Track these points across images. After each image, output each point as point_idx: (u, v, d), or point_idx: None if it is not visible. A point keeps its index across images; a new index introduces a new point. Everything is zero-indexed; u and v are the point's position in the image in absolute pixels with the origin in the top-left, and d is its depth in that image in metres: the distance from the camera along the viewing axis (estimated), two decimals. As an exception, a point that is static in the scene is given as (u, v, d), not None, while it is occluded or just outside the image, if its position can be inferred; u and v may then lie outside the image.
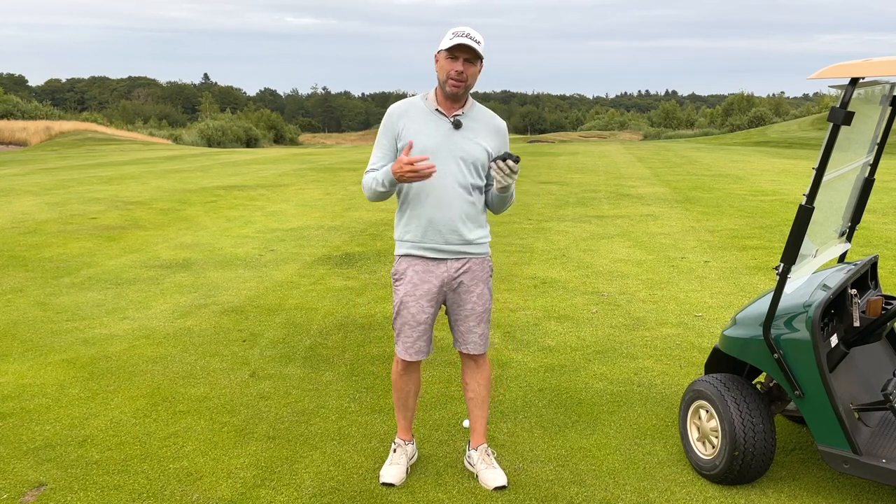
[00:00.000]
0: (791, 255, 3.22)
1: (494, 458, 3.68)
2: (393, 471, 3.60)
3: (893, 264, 8.40)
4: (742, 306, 4.38)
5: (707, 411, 3.61)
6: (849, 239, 4.18)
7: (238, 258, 9.07)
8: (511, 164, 3.28)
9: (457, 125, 3.39)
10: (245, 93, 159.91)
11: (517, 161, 3.28)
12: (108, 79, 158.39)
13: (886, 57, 3.01)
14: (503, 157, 3.29)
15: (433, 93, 3.46)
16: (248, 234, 10.86)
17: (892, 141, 7.17)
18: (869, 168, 4.01)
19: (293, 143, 79.91)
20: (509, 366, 5.19)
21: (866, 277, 3.95)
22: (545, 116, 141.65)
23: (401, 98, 3.69)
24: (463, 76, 3.30)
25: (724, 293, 7.23)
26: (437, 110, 3.41)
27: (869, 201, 4.15)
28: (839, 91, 3.16)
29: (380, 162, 3.47)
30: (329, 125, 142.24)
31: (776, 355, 3.36)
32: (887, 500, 3.41)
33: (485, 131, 3.45)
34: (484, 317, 3.58)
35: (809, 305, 3.36)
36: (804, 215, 3.16)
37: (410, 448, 3.75)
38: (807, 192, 3.15)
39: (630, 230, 11.10)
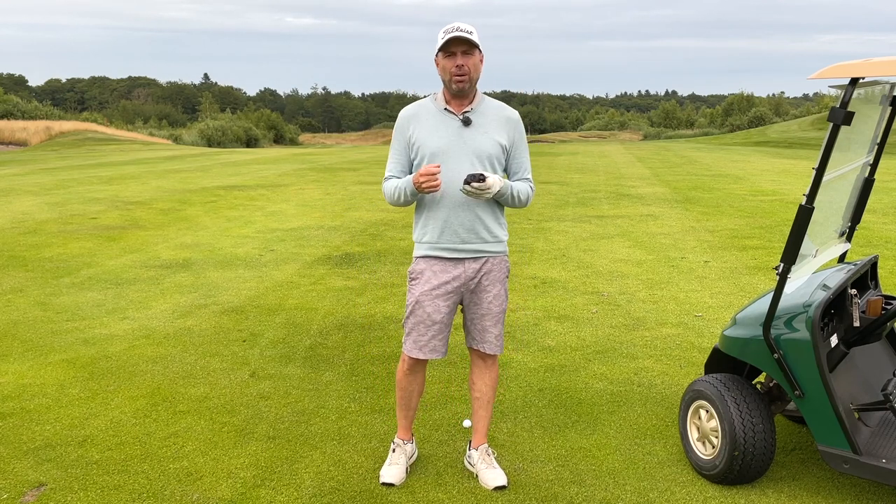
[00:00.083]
0: (791, 255, 3.22)
1: (494, 458, 3.68)
2: (393, 471, 3.60)
3: (893, 264, 8.40)
4: (742, 306, 4.38)
5: (707, 411, 3.61)
6: (849, 239, 4.18)
7: (238, 258, 9.08)
8: (473, 185, 3.20)
9: (466, 122, 3.39)
10: (245, 93, 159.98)
11: (481, 180, 3.20)
12: (108, 79, 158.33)
13: (886, 57, 3.01)
14: (466, 181, 3.22)
15: (441, 93, 3.46)
16: (248, 234, 10.86)
17: (892, 141, 7.17)
18: (869, 168, 4.01)
19: (293, 143, 79.91)
20: (509, 366, 5.19)
21: (866, 277, 3.95)
22: (545, 116, 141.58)
23: (401, 98, 3.71)
24: (464, 69, 3.30)
25: (724, 293, 7.23)
26: (445, 109, 3.41)
27: (869, 201, 4.15)
28: (839, 91, 3.16)
29: (396, 168, 3.48)
30: (329, 125, 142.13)
31: (776, 355, 3.36)
32: (887, 500, 3.41)
33: (494, 124, 3.43)
34: (500, 317, 3.57)
35: (809, 305, 3.36)
36: (804, 215, 3.16)
37: (410, 448, 3.75)
38: (807, 192, 3.15)
39: (630, 230, 11.10)
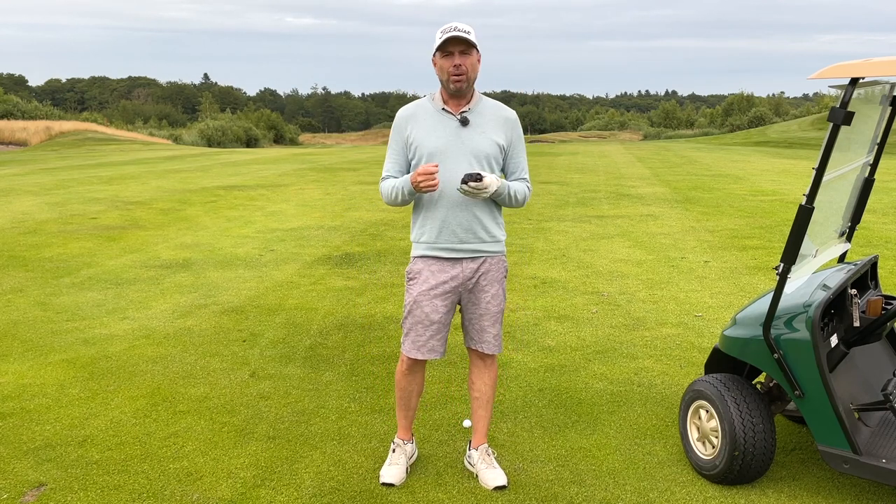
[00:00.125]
0: (791, 255, 3.22)
1: (494, 457, 3.68)
2: (393, 471, 3.60)
3: (893, 264, 8.40)
4: (742, 306, 4.38)
5: (707, 411, 3.61)
6: (849, 239, 4.18)
7: (238, 258, 9.08)
8: (470, 185, 3.22)
9: (464, 122, 3.39)
10: (245, 93, 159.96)
11: (478, 179, 3.21)
12: (108, 79, 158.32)
13: (886, 57, 3.01)
14: (463, 180, 3.23)
15: (439, 93, 3.46)
16: (248, 234, 10.86)
17: (892, 141, 7.17)
18: (869, 168, 4.01)
19: (293, 143, 79.91)
20: (509, 366, 5.19)
21: (866, 277, 3.95)
22: (545, 116, 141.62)
23: (401, 98, 3.71)
24: (462, 69, 3.30)
25: (724, 293, 7.23)
26: (443, 109, 3.41)
27: (869, 201, 4.15)
28: (839, 91, 3.16)
29: (393, 167, 3.48)
30: (329, 125, 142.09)
31: (776, 355, 3.36)
32: (887, 500, 3.41)
33: (492, 124, 3.44)
34: (498, 317, 3.57)
35: (809, 305, 3.36)
36: (804, 215, 3.16)
37: (410, 448, 3.75)
38: (807, 192, 3.15)
39: (630, 230, 11.10)
